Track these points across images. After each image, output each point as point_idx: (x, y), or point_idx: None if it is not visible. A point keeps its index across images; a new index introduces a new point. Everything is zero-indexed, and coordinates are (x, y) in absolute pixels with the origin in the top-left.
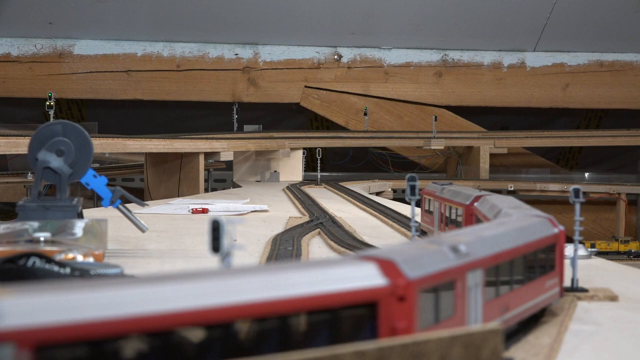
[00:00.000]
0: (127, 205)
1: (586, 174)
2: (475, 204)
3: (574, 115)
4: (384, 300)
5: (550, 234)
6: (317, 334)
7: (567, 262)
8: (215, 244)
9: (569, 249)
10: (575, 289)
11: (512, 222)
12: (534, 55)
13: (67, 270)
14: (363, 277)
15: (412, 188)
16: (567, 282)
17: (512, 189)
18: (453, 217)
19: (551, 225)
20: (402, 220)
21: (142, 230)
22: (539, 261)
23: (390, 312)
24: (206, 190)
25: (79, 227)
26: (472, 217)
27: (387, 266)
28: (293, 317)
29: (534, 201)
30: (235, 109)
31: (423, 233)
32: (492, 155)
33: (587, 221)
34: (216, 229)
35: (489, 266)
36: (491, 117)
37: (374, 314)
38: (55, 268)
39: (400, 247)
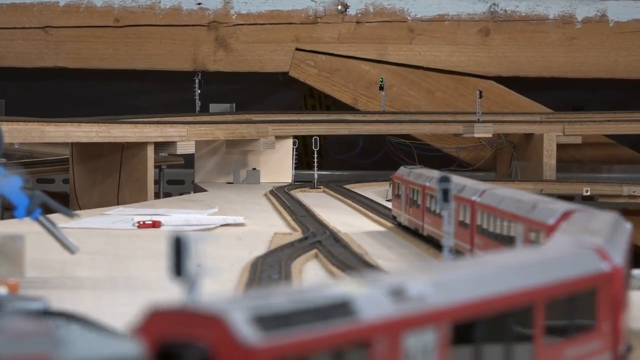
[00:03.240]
0: (50, 216)
1: None
2: (427, 183)
3: None
4: None
5: (591, 271)
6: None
7: None
8: (177, 267)
9: None
10: None
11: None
12: (619, 5)
13: None
14: None
15: (445, 192)
16: None
17: (588, 193)
18: (414, 198)
19: (597, 257)
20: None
21: (71, 252)
22: (569, 314)
23: None
24: (157, 196)
25: None
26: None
27: None
28: None
29: (619, 211)
30: (197, 80)
31: (394, 219)
32: (560, 147)
33: None
34: (178, 247)
35: (454, 319)
36: (559, 93)
37: None
38: None
39: None
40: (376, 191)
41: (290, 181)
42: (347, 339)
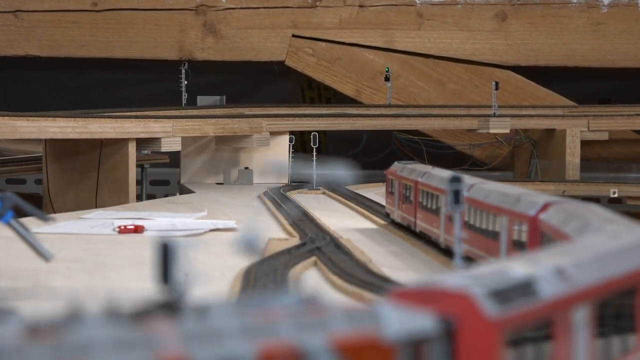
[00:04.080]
0: (23, 220)
1: None
2: (420, 179)
3: None
4: None
5: None
6: None
7: None
8: (164, 276)
9: None
10: None
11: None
12: None
13: None
14: None
15: (456, 194)
16: None
17: (615, 195)
18: (407, 194)
19: None
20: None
21: (46, 259)
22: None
23: None
24: (139, 198)
25: None
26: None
27: None
28: None
29: None
30: (184, 70)
31: (387, 216)
32: (584, 144)
33: None
34: (165, 254)
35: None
36: (584, 84)
37: None
38: None
39: None
40: (381, 192)
41: (286, 182)
42: (543, 314)
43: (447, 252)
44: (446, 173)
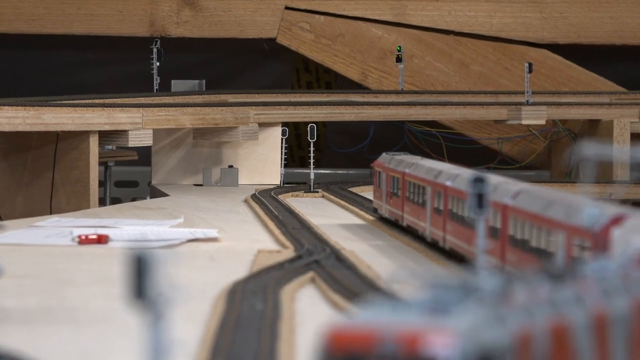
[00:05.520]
0: None
1: None
2: (407, 170)
3: None
4: None
5: None
6: None
7: None
8: (138, 294)
9: None
10: None
11: None
12: None
13: None
14: None
15: (479, 197)
16: None
17: None
18: (395, 186)
19: None
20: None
21: None
22: None
23: None
24: (102, 202)
25: None
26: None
27: None
28: None
29: None
30: (155, 49)
31: (375, 211)
32: (635, 137)
33: None
34: (140, 266)
35: None
36: (634, 66)
37: None
38: None
39: None
40: None
41: (278, 183)
42: None
43: (434, 247)
44: (434, 163)
